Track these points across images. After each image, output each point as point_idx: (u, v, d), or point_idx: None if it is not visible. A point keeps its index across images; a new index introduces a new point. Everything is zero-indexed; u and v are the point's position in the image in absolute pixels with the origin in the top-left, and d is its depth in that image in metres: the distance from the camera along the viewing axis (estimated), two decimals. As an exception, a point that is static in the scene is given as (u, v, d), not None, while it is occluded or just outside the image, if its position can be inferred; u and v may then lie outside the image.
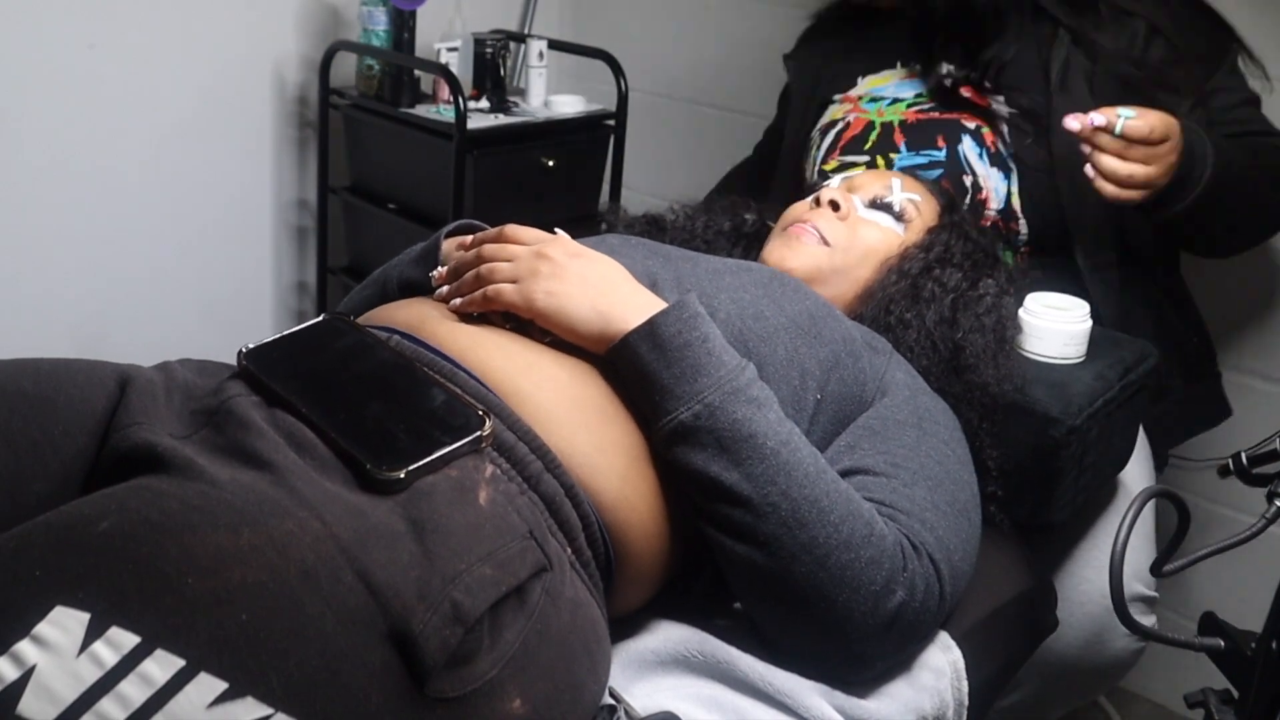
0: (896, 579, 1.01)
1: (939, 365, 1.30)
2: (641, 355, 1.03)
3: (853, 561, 0.99)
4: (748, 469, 1.00)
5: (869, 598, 0.99)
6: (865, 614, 1.00)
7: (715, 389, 1.01)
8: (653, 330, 1.04)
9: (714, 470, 1.00)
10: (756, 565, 1.00)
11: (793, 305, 1.20)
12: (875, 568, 1.00)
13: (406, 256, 1.28)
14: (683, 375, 1.02)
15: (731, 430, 1.00)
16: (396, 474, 0.88)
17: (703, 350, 1.03)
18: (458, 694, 0.81)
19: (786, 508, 0.99)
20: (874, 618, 1.00)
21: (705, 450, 1.00)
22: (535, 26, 2.72)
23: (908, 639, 1.06)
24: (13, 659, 0.73)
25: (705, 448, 1.00)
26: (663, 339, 1.03)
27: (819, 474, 1.01)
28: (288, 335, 1.06)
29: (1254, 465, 1.02)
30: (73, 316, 2.26)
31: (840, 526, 0.99)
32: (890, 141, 1.66)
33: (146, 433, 0.90)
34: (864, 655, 1.04)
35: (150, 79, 2.24)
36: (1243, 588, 1.69)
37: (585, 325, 1.06)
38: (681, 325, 1.04)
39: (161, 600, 0.75)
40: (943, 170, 1.60)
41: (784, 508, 0.99)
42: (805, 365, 1.15)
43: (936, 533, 1.07)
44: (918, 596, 1.02)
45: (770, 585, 1.01)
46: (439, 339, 1.05)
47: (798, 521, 0.99)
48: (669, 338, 1.03)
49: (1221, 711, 1.00)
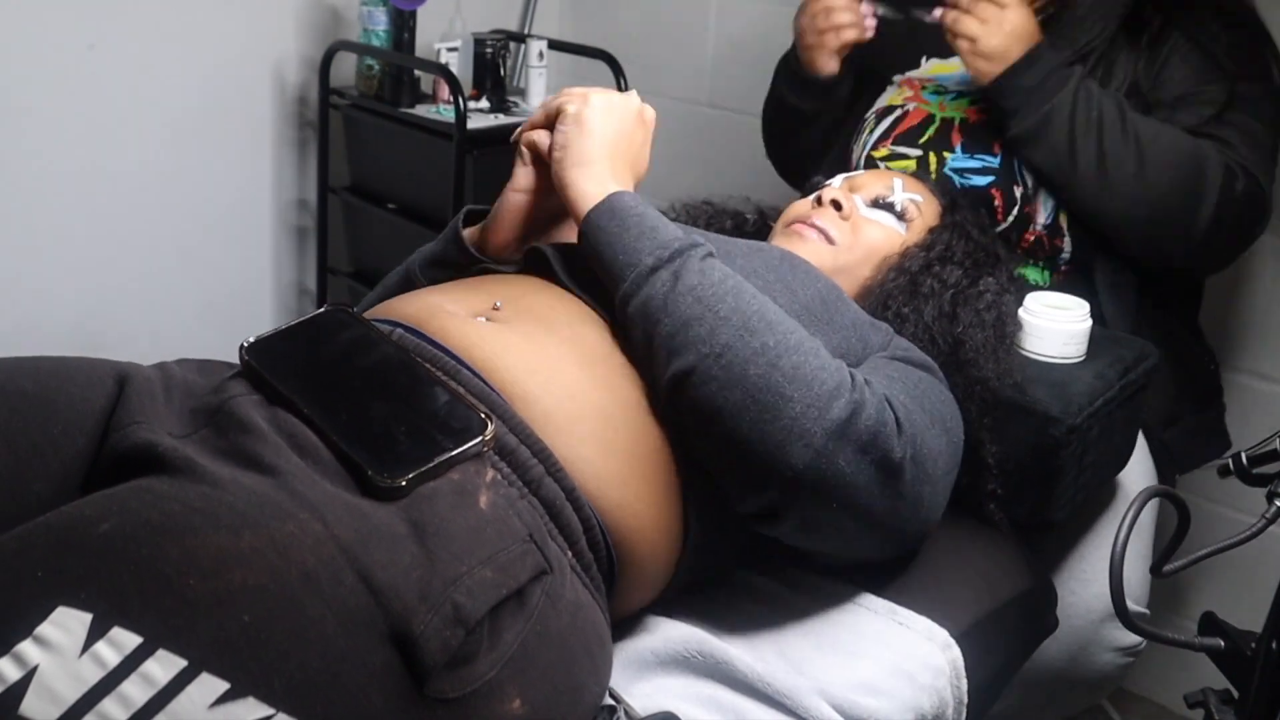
0: (844, 387, 1.03)
1: (939, 360, 1.30)
2: (601, 226, 1.10)
3: (803, 364, 1.02)
4: (700, 292, 1.05)
5: (821, 395, 1.01)
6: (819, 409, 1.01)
7: (675, 239, 1.08)
8: (610, 204, 1.10)
9: (672, 298, 1.05)
10: (711, 375, 1.02)
11: (804, 290, 1.21)
12: (824, 373, 1.03)
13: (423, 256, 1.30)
14: (642, 234, 1.09)
15: (684, 265, 1.07)
16: (398, 482, 0.88)
17: (660, 220, 1.10)
18: (457, 695, 0.82)
19: (738, 320, 1.03)
20: (827, 415, 1.01)
21: (664, 285, 1.06)
22: (535, 26, 2.72)
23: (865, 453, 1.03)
24: (15, 659, 0.73)
25: (663, 283, 1.06)
26: (620, 209, 1.10)
27: (767, 301, 1.07)
28: (289, 328, 1.05)
29: (1254, 465, 1.02)
30: (72, 316, 2.26)
31: (789, 335, 1.04)
32: (947, 139, 1.64)
33: (146, 432, 0.90)
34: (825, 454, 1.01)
35: (150, 79, 2.24)
36: (1243, 588, 1.69)
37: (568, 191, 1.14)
38: (635, 201, 1.11)
39: (163, 601, 0.76)
40: (995, 178, 1.59)
41: (735, 320, 1.03)
42: None
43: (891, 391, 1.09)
44: (869, 410, 1.03)
45: (726, 392, 1.01)
46: (444, 335, 1.04)
47: (750, 330, 1.03)
48: (626, 208, 1.10)
49: (1221, 711, 1.00)
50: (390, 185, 2.38)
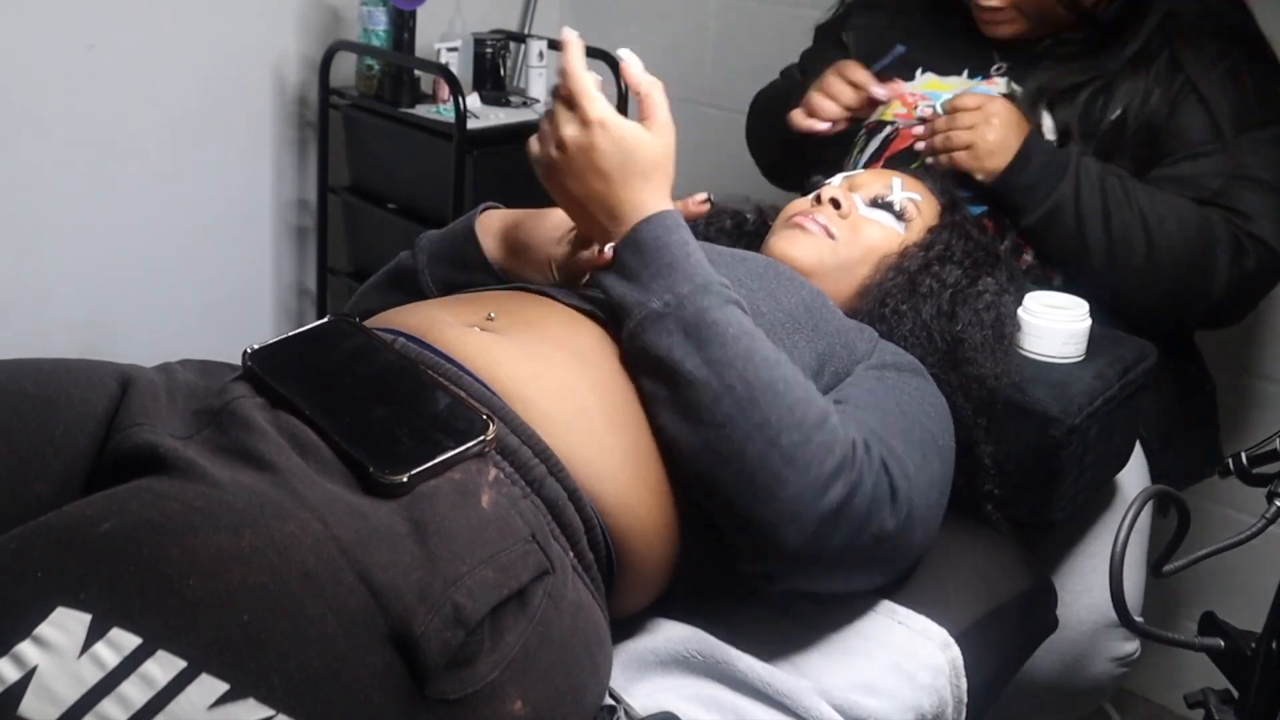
0: (846, 465, 1.02)
1: (935, 356, 1.30)
2: (623, 260, 1.08)
3: (804, 442, 1.00)
4: (708, 353, 1.02)
5: (819, 480, 1.00)
6: (814, 496, 1.00)
7: (687, 281, 1.05)
8: (636, 237, 1.08)
9: (677, 355, 1.03)
10: (710, 447, 1.01)
11: (789, 297, 1.21)
12: (826, 451, 1.01)
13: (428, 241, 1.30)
14: (658, 272, 1.06)
15: (696, 318, 1.03)
16: (399, 478, 0.88)
17: (681, 252, 1.07)
18: (458, 696, 0.81)
19: (743, 390, 1.01)
20: (823, 501, 1.00)
21: (671, 336, 1.03)
22: (535, 26, 2.72)
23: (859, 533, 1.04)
24: (14, 660, 0.73)
25: (671, 334, 1.03)
26: (642, 243, 1.08)
27: (779, 362, 1.04)
28: (293, 336, 1.05)
29: (1254, 465, 1.02)
30: (73, 316, 2.27)
31: (794, 409, 1.01)
32: None
33: (148, 433, 0.90)
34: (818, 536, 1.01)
35: (150, 79, 2.25)
36: (1243, 588, 1.69)
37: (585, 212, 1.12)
38: (662, 229, 1.08)
39: (163, 601, 0.75)
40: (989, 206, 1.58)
41: (740, 390, 1.01)
42: (803, 359, 1.15)
43: (888, 444, 1.08)
44: (865, 487, 1.03)
45: (723, 466, 1.01)
46: (445, 343, 1.05)
47: (752, 402, 1.00)
48: (648, 240, 1.08)
49: (1221, 711, 1.00)
50: (390, 185, 2.38)
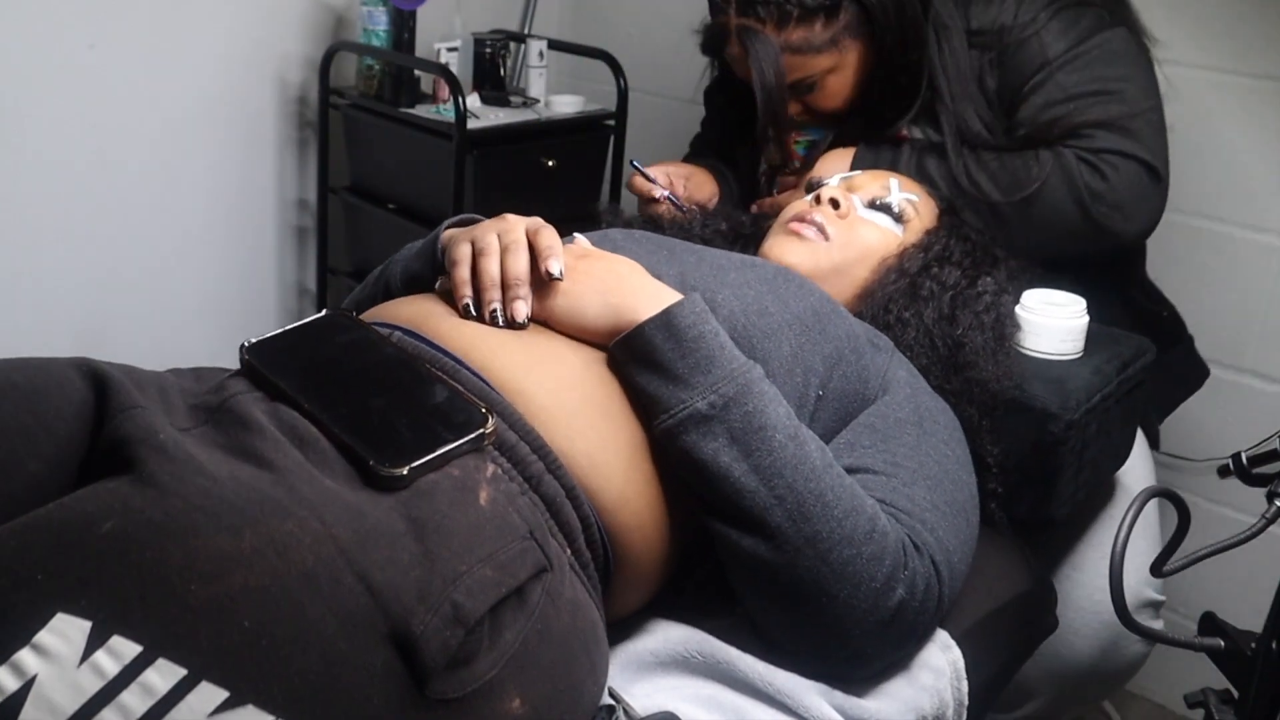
0: (898, 576, 1.01)
1: (938, 363, 1.30)
2: (656, 344, 1.03)
3: (855, 557, 1.00)
4: (756, 460, 1.00)
5: (870, 594, 1.00)
6: (865, 610, 1.00)
7: (729, 380, 1.02)
8: (668, 320, 1.04)
9: (724, 461, 1.00)
10: (760, 558, 1.01)
11: (797, 302, 1.20)
12: (877, 564, 1.00)
13: (408, 252, 1.28)
14: (697, 365, 1.02)
15: (743, 422, 1.01)
16: (399, 470, 0.88)
17: (716, 343, 1.04)
18: (458, 695, 0.81)
19: (793, 501, 0.99)
20: (874, 614, 1.01)
21: (716, 440, 1.01)
22: (535, 26, 2.72)
23: (906, 637, 1.07)
24: (13, 669, 0.73)
25: (716, 438, 1.01)
26: (678, 328, 1.04)
27: (825, 469, 1.02)
28: (290, 330, 1.05)
29: (1254, 465, 1.02)
30: (73, 316, 2.27)
31: (844, 521, 1.00)
32: None
33: (150, 417, 0.88)
34: (862, 652, 1.04)
35: (151, 79, 2.24)
36: (1243, 588, 1.69)
37: (596, 320, 1.07)
38: (696, 317, 1.04)
39: (164, 608, 0.75)
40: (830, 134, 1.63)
41: (790, 501, 0.99)
42: (809, 362, 1.15)
43: (936, 533, 1.07)
44: (917, 595, 1.03)
45: (773, 579, 1.01)
46: (441, 336, 1.05)
47: (803, 515, 0.99)
48: (684, 328, 1.04)
49: (1221, 711, 1.00)
50: (390, 185, 2.38)
